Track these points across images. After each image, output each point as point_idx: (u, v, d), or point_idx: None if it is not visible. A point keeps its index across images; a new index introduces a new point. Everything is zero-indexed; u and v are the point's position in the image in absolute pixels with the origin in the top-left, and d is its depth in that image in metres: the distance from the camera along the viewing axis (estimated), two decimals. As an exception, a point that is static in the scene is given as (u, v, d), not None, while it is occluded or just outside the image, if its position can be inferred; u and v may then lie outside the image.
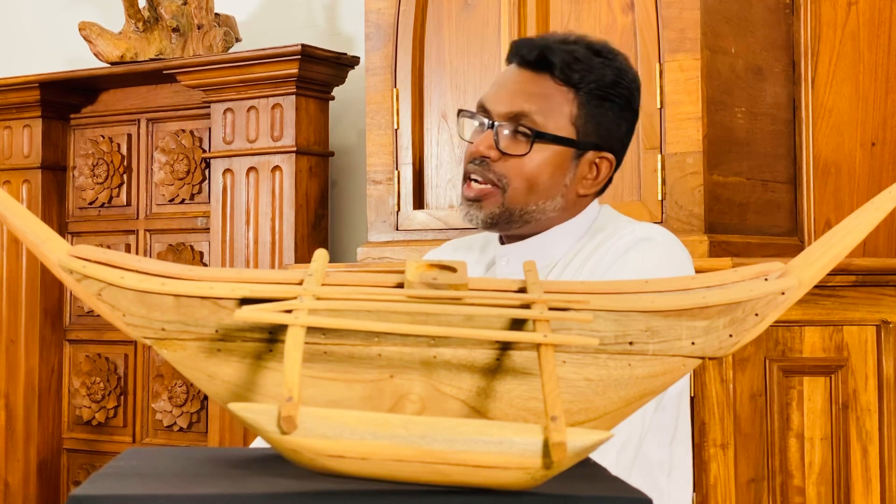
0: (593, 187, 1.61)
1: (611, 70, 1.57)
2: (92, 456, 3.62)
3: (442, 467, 0.71)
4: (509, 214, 1.57)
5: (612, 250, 1.53)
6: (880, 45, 2.62)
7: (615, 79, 1.57)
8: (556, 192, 1.58)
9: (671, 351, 0.83)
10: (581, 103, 1.56)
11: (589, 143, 1.57)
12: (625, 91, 1.59)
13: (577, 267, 1.55)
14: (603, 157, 1.59)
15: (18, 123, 3.71)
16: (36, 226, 0.82)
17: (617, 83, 1.58)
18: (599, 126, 1.57)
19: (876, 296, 2.21)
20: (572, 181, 1.59)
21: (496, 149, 1.55)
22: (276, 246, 3.21)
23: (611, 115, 1.58)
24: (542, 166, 1.56)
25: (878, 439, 2.20)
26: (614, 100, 1.57)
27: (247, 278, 0.82)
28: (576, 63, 1.55)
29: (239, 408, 0.71)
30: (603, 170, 1.60)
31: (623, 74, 1.59)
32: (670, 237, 1.57)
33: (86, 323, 3.67)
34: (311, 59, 3.17)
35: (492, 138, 1.56)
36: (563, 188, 1.58)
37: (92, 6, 3.95)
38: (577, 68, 1.55)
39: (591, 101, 1.56)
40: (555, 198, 1.58)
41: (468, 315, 0.80)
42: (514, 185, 1.56)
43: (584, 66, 1.56)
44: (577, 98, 1.56)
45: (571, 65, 1.55)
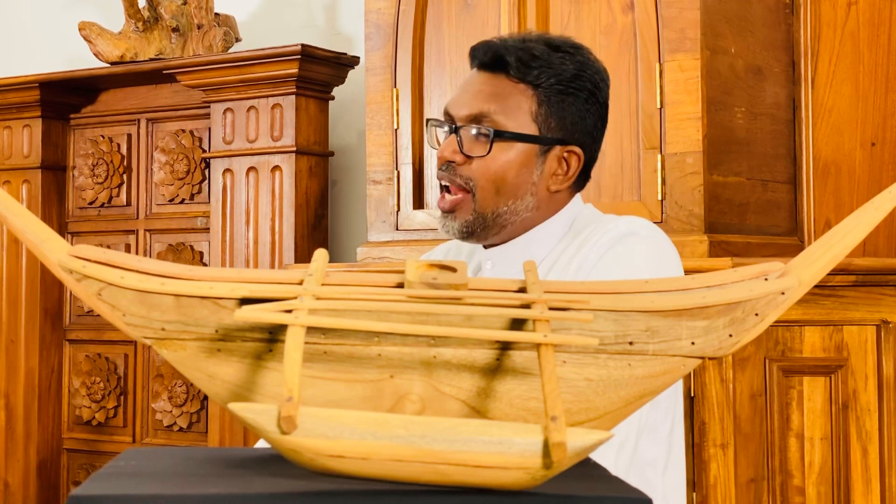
0: (564, 182, 1.61)
1: (571, 64, 1.57)
2: (92, 456, 3.62)
3: (442, 467, 0.71)
4: (483, 220, 1.58)
5: (596, 246, 1.53)
6: (880, 45, 2.62)
7: (576, 72, 1.57)
8: (524, 190, 1.58)
9: (671, 351, 0.83)
10: (541, 100, 1.56)
11: (552, 139, 1.57)
12: (587, 83, 1.58)
13: (563, 266, 1.55)
14: (571, 152, 1.59)
15: (18, 123, 3.71)
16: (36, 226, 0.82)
17: (578, 76, 1.57)
18: (563, 120, 1.57)
19: (876, 296, 2.21)
20: (540, 178, 1.58)
21: (460, 152, 1.56)
22: (276, 246, 3.21)
23: (574, 108, 1.58)
24: (507, 165, 1.56)
25: (878, 439, 2.20)
26: (576, 93, 1.57)
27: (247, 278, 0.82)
28: (533, 60, 1.56)
29: (239, 408, 0.71)
30: (572, 164, 1.60)
31: (585, 67, 1.59)
32: (654, 230, 1.57)
33: (86, 323, 3.67)
34: (311, 59, 3.17)
35: (455, 142, 1.57)
36: (532, 186, 1.58)
37: (92, 6, 3.95)
38: (535, 65, 1.56)
39: (552, 97, 1.56)
40: (524, 196, 1.58)
41: (468, 315, 0.80)
42: (481, 187, 1.56)
43: (541, 63, 1.56)
44: (537, 95, 1.56)
45: (528, 62, 1.56)
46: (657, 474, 1.55)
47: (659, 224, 2.33)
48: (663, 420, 1.55)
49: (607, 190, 2.44)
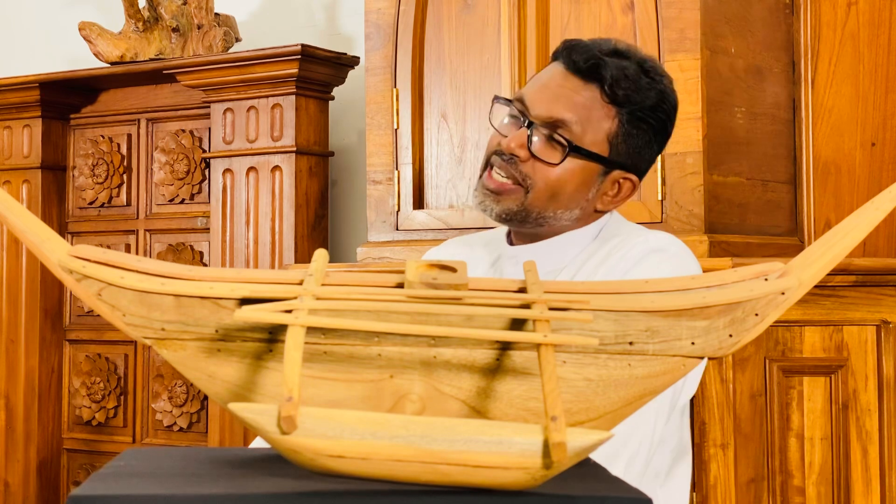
0: (611, 205, 1.60)
1: (655, 92, 1.55)
2: (92, 456, 3.62)
3: (442, 467, 0.71)
4: (526, 214, 1.55)
5: (624, 259, 1.52)
6: (880, 45, 2.62)
7: (657, 102, 1.55)
8: (576, 204, 1.56)
9: (671, 351, 0.83)
10: (621, 122, 1.53)
11: (619, 163, 1.56)
12: (663, 116, 1.56)
13: (589, 273, 1.54)
14: (627, 178, 1.58)
15: (18, 123, 3.71)
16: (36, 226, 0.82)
17: (657, 107, 1.55)
18: (632, 147, 1.55)
19: (876, 296, 2.21)
20: (594, 196, 1.57)
21: (527, 149, 1.53)
22: (276, 246, 3.21)
23: (645, 138, 1.56)
24: (569, 178, 1.53)
25: (878, 439, 2.20)
26: (652, 123, 1.55)
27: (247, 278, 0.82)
28: (624, 80, 1.52)
29: (239, 408, 0.71)
30: (625, 190, 1.58)
31: (665, 98, 1.56)
32: (682, 248, 1.56)
33: (86, 323, 3.67)
34: (311, 59, 3.17)
35: (525, 137, 1.53)
36: (585, 202, 1.57)
37: (92, 6, 3.95)
38: (625, 86, 1.52)
39: (631, 122, 1.54)
40: (574, 209, 1.56)
41: (468, 315, 0.80)
42: (537, 189, 1.53)
43: (631, 85, 1.53)
44: (618, 116, 1.53)
45: (620, 81, 1.52)
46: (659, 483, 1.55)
47: (659, 224, 2.33)
48: (672, 437, 1.55)
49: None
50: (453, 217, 2.65)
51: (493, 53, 2.63)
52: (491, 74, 2.63)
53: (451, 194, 2.69)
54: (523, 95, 1.56)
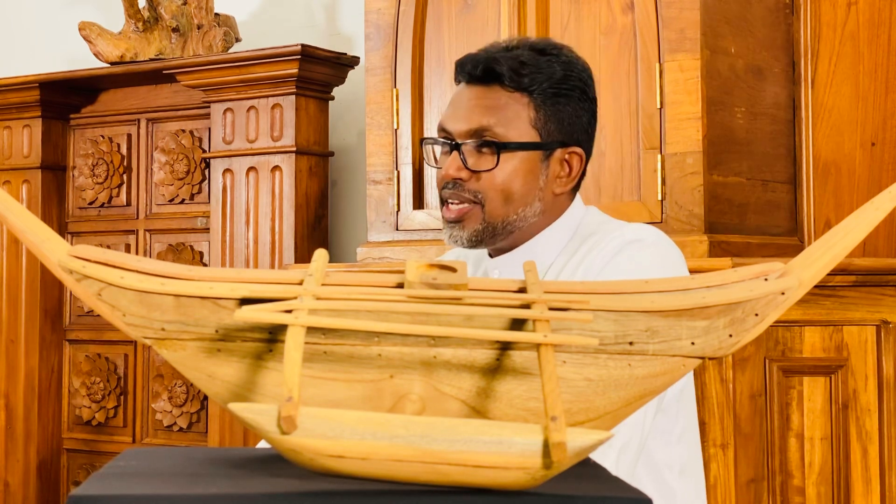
0: (568, 184, 1.61)
1: (559, 65, 1.57)
2: (92, 456, 3.62)
3: (442, 467, 0.71)
4: (492, 229, 1.57)
5: (602, 253, 1.53)
6: (880, 45, 2.62)
7: (565, 73, 1.57)
8: (532, 196, 1.58)
9: (671, 351, 0.83)
10: (537, 105, 1.56)
11: (554, 143, 1.58)
12: (577, 82, 1.58)
13: (570, 273, 1.55)
14: (572, 153, 1.59)
15: (18, 123, 3.71)
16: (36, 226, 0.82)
17: (567, 76, 1.57)
18: (560, 123, 1.57)
19: (876, 296, 2.21)
20: (546, 182, 1.59)
21: (465, 168, 1.56)
22: (276, 246, 3.21)
23: (569, 109, 1.58)
24: (514, 175, 1.56)
25: (878, 439, 2.20)
26: (569, 93, 1.57)
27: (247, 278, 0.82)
28: (522, 67, 1.55)
29: (239, 408, 0.71)
30: (574, 165, 1.60)
31: (572, 66, 1.59)
32: (661, 237, 1.57)
33: (86, 323, 3.67)
34: (311, 59, 3.17)
35: (458, 159, 1.56)
36: (539, 191, 1.58)
37: (92, 6, 3.95)
38: (525, 72, 1.55)
39: (547, 101, 1.56)
40: (532, 203, 1.58)
41: (468, 315, 0.80)
42: (490, 199, 1.56)
43: (531, 69, 1.56)
44: (532, 101, 1.56)
45: (518, 70, 1.55)
46: (674, 476, 1.55)
47: (659, 224, 2.33)
48: (674, 423, 1.55)
49: (607, 190, 2.44)
50: (453, 217, 2.65)
51: (493, 53, 2.63)
52: (491, 74, 2.63)
53: (451, 194, 2.69)
54: (443, 124, 1.60)
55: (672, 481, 1.55)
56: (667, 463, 1.55)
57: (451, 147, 1.58)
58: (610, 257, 1.52)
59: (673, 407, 1.55)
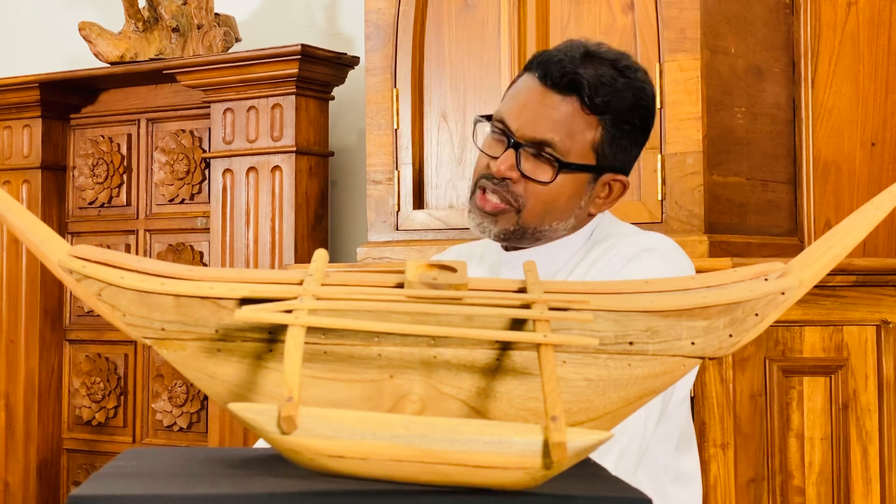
0: (604, 206, 1.61)
1: (632, 91, 1.55)
2: (92, 456, 3.62)
3: (442, 467, 0.71)
4: (522, 232, 1.57)
5: (614, 260, 1.53)
6: (880, 45, 2.62)
7: (634, 101, 1.55)
8: (570, 214, 1.57)
9: (671, 351, 0.83)
10: (604, 129, 1.54)
11: (607, 168, 1.56)
12: (644, 112, 1.57)
13: (581, 275, 1.55)
14: (617, 180, 1.58)
15: (18, 123, 3.71)
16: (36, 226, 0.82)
17: (636, 106, 1.55)
18: (617, 149, 1.56)
19: (876, 296, 2.21)
20: (587, 202, 1.58)
21: (517, 170, 1.53)
22: (276, 246, 3.21)
23: (628, 139, 1.56)
24: (560, 192, 1.54)
25: (878, 439, 2.20)
26: (633, 123, 1.56)
27: (247, 278, 0.82)
28: (602, 87, 1.52)
29: (239, 408, 0.71)
30: (615, 190, 1.59)
31: (643, 95, 1.56)
32: (673, 247, 1.57)
33: (86, 323, 3.67)
34: (311, 59, 3.17)
35: (513, 159, 1.53)
36: (578, 210, 1.58)
37: (92, 6, 3.95)
38: (602, 93, 1.52)
39: (614, 126, 1.54)
40: (568, 219, 1.58)
41: (468, 315, 0.80)
42: (530, 208, 1.54)
43: (609, 91, 1.52)
44: (601, 124, 1.53)
45: (598, 89, 1.52)
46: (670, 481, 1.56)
47: (659, 224, 2.33)
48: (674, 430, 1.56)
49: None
50: (453, 217, 2.65)
51: (493, 53, 2.63)
52: (491, 74, 2.63)
53: (451, 194, 2.69)
54: (504, 117, 1.56)
55: (670, 487, 1.55)
56: (665, 468, 1.55)
57: (510, 144, 1.54)
58: (622, 264, 1.52)
59: (675, 413, 1.55)
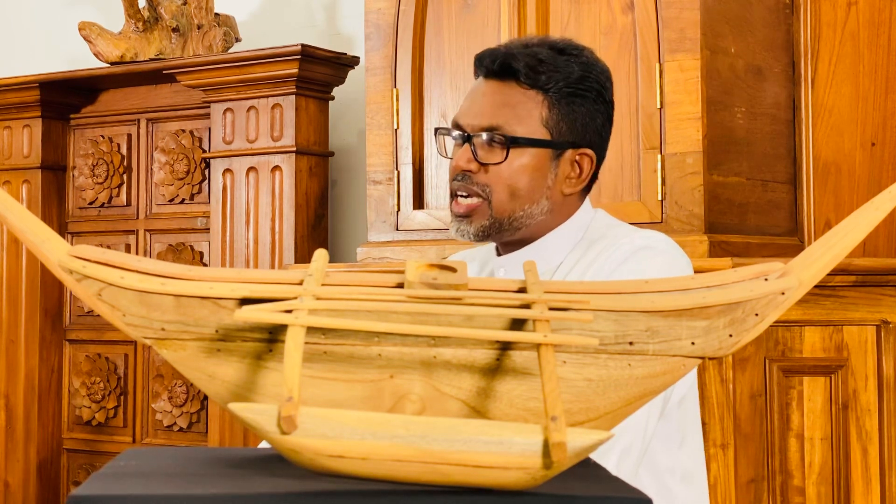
0: (578, 185, 1.61)
1: (577, 66, 1.57)
2: (92, 456, 3.62)
3: (442, 467, 0.71)
4: (499, 224, 1.58)
5: (610, 259, 1.53)
6: (880, 45, 2.62)
7: (582, 73, 1.57)
8: (539, 194, 1.58)
9: (671, 351, 0.83)
10: (551, 104, 1.56)
11: (565, 143, 1.58)
12: (594, 84, 1.58)
13: (578, 276, 1.55)
14: (583, 154, 1.59)
15: (18, 123, 3.71)
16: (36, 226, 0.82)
17: (585, 77, 1.57)
18: (573, 123, 1.58)
19: (876, 296, 2.21)
20: (555, 182, 1.59)
21: (475, 161, 1.57)
22: (276, 246, 3.21)
23: (583, 110, 1.58)
24: (521, 171, 1.56)
25: (878, 439, 2.20)
26: (585, 94, 1.57)
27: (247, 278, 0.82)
28: (540, 65, 1.56)
29: (239, 408, 0.71)
30: (585, 166, 1.60)
31: (590, 68, 1.59)
32: (671, 244, 1.57)
33: (86, 323, 3.67)
34: (311, 59, 3.17)
35: (469, 152, 1.58)
36: (547, 190, 1.58)
37: (92, 6, 3.95)
38: (542, 69, 1.56)
39: (561, 100, 1.56)
40: (539, 201, 1.58)
41: (468, 315, 0.80)
42: (496, 193, 1.57)
43: (548, 67, 1.56)
44: (546, 99, 1.56)
45: (535, 67, 1.56)
46: (676, 481, 1.56)
47: (659, 224, 2.33)
48: (676, 429, 1.56)
49: (607, 190, 2.44)
50: (453, 217, 2.64)
51: (493, 53, 2.63)
52: (491, 74, 2.63)
53: (451, 194, 2.69)
54: (457, 118, 1.62)
55: (674, 487, 1.55)
56: (669, 468, 1.55)
57: (463, 139, 1.59)
58: (619, 263, 1.52)
59: (675, 413, 1.55)
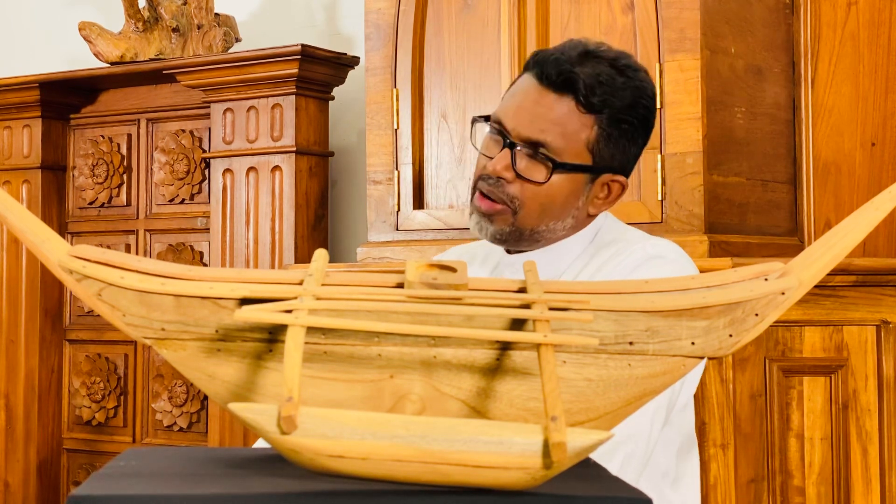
0: (604, 206, 1.60)
1: (630, 90, 1.54)
2: (92, 456, 3.62)
3: (442, 467, 0.71)
4: (519, 234, 1.56)
5: (621, 266, 1.52)
6: (880, 45, 2.62)
7: (633, 100, 1.54)
8: (567, 214, 1.56)
9: (671, 351, 0.83)
10: (599, 129, 1.53)
11: (604, 168, 1.56)
12: (643, 111, 1.55)
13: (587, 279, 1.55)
14: (616, 180, 1.58)
15: (18, 123, 3.71)
16: (36, 226, 0.82)
17: (635, 105, 1.54)
18: (615, 149, 1.55)
19: (876, 296, 2.21)
20: (585, 203, 1.57)
21: (513, 170, 1.53)
22: (276, 246, 3.21)
23: (626, 139, 1.55)
24: (557, 192, 1.54)
25: (878, 439, 2.20)
26: (632, 122, 1.55)
27: (247, 278, 0.82)
28: (599, 87, 1.52)
29: (239, 408, 0.71)
30: (614, 191, 1.58)
31: (642, 94, 1.55)
32: (681, 254, 1.56)
33: (86, 323, 3.67)
34: (311, 59, 3.17)
35: (509, 159, 1.53)
36: (576, 210, 1.57)
37: (92, 6, 3.95)
38: (600, 92, 1.52)
39: (610, 125, 1.53)
40: (566, 219, 1.57)
41: (468, 315, 0.80)
42: (526, 208, 1.54)
43: (606, 90, 1.52)
44: (597, 124, 1.53)
45: (594, 88, 1.51)
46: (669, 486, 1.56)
47: (659, 224, 2.33)
48: (675, 434, 1.56)
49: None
50: (453, 217, 2.65)
51: (493, 53, 2.63)
52: (491, 74, 2.63)
53: (451, 194, 2.69)
54: (501, 117, 1.56)
55: (667, 491, 1.55)
56: (664, 473, 1.55)
57: (505, 144, 1.54)
58: (630, 270, 1.51)
59: (677, 418, 1.55)
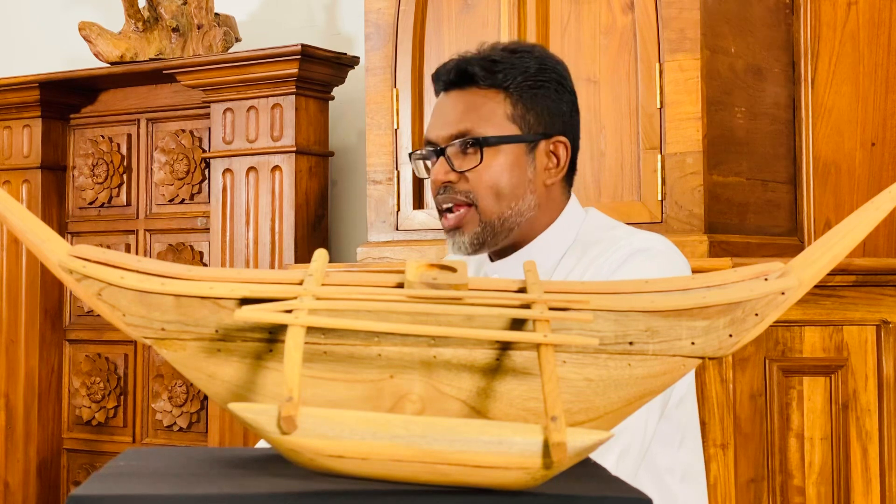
0: (558, 174, 1.62)
1: (532, 60, 1.60)
2: (92, 456, 3.62)
3: (442, 467, 0.71)
4: (491, 228, 1.58)
5: (609, 261, 1.53)
6: (880, 45, 2.62)
7: (539, 66, 1.59)
8: (522, 189, 1.59)
9: (671, 351, 0.83)
10: (514, 99, 1.58)
11: (536, 134, 1.59)
12: (552, 74, 1.60)
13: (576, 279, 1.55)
14: (557, 142, 1.61)
15: (18, 123, 3.71)
16: (36, 226, 0.82)
17: (542, 69, 1.59)
18: (540, 114, 1.59)
19: (876, 296, 2.21)
20: (535, 175, 1.59)
21: (453, 171, 1.58)
22: (276, 246, 3.21)
23: (547, 100, 1.59)
24: (500, 170, 1.57)
25: (878, 439, 2.20)
26: (545, 85, 1.59)
27: (247, 278, 0.82)
28: (495, 65, 1.58)
29: (239, 408, 0.71)
30: (561, 155, 1.61)
31: (545, 61, 1.61)
32: (669, 246, 1.57)
33: (86, 323, 3.67)
34: (311, 59, 3.17)
35: (444, 164, 1.58)
36: (529, 184, 1.59)
37: (92, 6, 3.95)
38: (498, 68, 1.58)
39: (523, 94, 1.58)
40: (524, 196, 1.59)
41: (468, 315, 0.80)
42: (482, 197, 1.57)
43: (504, 65, 1.58)
44: (508, 96, 1.58)
45: (491, 68, 1.58)
46: (675, 481, 1.56)
47: (659, 224, 2.33)
48: (675, 429, 1.56)
49: (607, 190, 2.44)
50: (453, 217, 2.64)
51: (493, 53, 2.63)
52: (491, 74, 2.63)
53: (451, 194, 2.69)
54: (427, 136, 1.63)
55: (674, 486, 1.55)
56: (669, 468, 1.55)
57: (437, 153, 1.60)
58: (618, 265, 1.52)
59: (674, 413, 1.55)
